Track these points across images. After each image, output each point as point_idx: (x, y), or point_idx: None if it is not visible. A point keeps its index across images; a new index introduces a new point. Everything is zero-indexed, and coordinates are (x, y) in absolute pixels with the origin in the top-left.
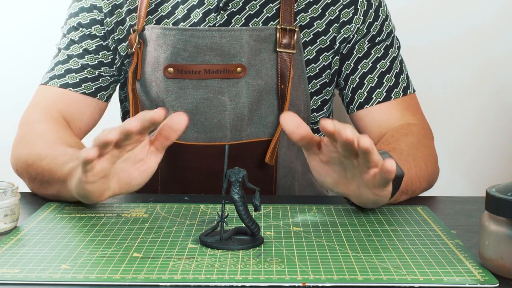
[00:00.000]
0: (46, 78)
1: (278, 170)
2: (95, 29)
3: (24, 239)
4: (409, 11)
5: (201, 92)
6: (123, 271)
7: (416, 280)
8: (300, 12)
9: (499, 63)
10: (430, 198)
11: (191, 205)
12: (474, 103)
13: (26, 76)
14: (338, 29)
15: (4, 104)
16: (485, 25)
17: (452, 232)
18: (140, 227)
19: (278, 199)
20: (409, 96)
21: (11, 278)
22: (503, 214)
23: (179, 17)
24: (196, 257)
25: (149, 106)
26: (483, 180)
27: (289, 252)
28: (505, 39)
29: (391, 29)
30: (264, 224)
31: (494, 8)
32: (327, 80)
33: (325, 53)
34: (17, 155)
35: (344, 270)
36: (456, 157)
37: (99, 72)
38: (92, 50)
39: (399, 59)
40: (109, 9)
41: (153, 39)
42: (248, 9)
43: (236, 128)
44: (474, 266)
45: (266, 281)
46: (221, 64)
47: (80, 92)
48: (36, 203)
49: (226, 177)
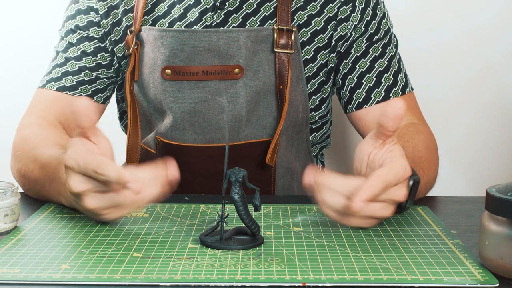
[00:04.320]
0: (43, 81)
1: (277, 170)
2: (92, 31)
3: (24, 239)
4: (408, 13)
5: (199, 94)
6: (123, 271)
7: (416, 280)
8: (298, 10)
9: (498, 64)
10: (430, 198)
11: (191, 205)
12: (474, 103)
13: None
14: (335, 26)
15: (5, 104)
16: (484, 26)
17: (452, 232)
18: (140, 227)
19: (278, 199)
20: (407, 95)
21: (11, 278)
22: (503, 214)
23: (176, 16)
24: (196, 257)
25: (147, 108)
26: (483, 180)
27: (289, 252)
28: (504, 40)
29: (388, 27)
30: (264, 224)
31: (493, 9)
32: (324, 78)
33: (322, 52)
34: (13, 167)
35: (344, 270)
36: (456, 157)
37: (97, 74)
38: (90, 52)
39: (397, 58)
40: (105, 10)
41: (150, 40)
42: (245, 8)
43: (234, 129)
44: (474, 266)
45: (266, 281)
46: (219, 65)
47: (76, 95)
48: (36, 203)
49: (226, 177)
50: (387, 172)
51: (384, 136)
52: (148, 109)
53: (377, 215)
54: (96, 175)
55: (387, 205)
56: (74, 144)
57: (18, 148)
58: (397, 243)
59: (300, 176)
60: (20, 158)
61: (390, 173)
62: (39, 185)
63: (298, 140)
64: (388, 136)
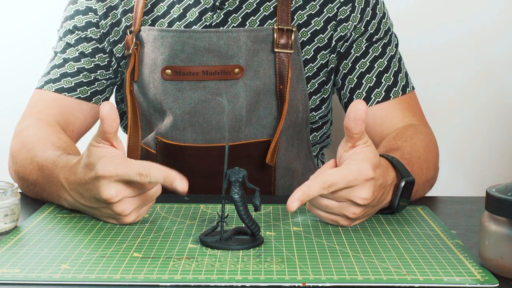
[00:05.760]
0: (41, 82)
1: (277, 170)
2: (91, 32)
3: (24, 239)
4: (408, 13)
5: (199, 94)
6: (123, 271)
7: (416, 280)
8: (298, 10)
9: (499, 64)
10: (430, 198)
11: (191, 205)
12: (474, 104)
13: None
14: (335, 26)
15: (4, 104)
16: (485, 26)
17: (452, 232)
18: (140, 227)
19: (278, 199)
20: (408, 95)
21: (11, 278)
22: (503, 214)
23: (175, 16)
24: (196, 257)
25: (147, 108)
26: (483, 180)
27: (289, 252)
28: (504, 40)
29: (388, 26)
30: (264, 224)
31: (493, 9)
32: (324, 78)
33: (322, 52)
34: (10, 168)
35: (344, 270)
36: (456, 157)
37: (95, 75)
38: (88, 53)
39: (397, 57)
40: (104, 11)
41: (150, 40)
42: (245, 8)
43: (234, 129)
44: (474, 266)
45: (266, 281)
46: (219, 65)
47: (75, 97)
48: (36, 203)
49: (226, 177)
50: (331, 173)
51: (351, 139)
52: (148, 109)
53: (338, 213)
54: (141, 177)
55: (347, 205)
56: (102, 153)
57: (16, 149)
58: (397, 243)
59: (300, 176)
60: (17, 160)
61: (336, 175)
62: (38, 187)
63: (298, 140)
64: (355, 139)
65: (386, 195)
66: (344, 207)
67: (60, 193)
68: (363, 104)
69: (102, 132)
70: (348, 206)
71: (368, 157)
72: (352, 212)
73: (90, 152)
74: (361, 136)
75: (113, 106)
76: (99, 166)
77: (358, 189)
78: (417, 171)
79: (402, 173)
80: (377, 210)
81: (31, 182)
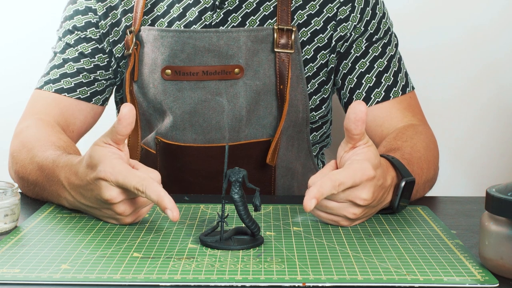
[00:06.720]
0: (41, 83)
1: (277, 170)
2: (90, 32)
3: (24, 239)
4: (408, 13)
5: (199, 94)
6: (123, 271)
7: (416, 280)
8: (298, 10)
9: (499, 64)
10: (430, 198)
11: (191, 205)
12: (474, 104)
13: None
14: (335, 26)
15: (4, 104)
16: (484, 26)
17: (452, 232)
18: (140, 227)
19: (278, 199)
20: (408, 95)
21: (11, 278)
22: (503, 214)
23: (175, 16)
24: (196, 257)
25: (147, 108)
26: (483, 180)
27: (289, 252)
28: (504, 40)
29: (388, 26)
30: (264, 224)
31: (493, 9)
32: (324, 78)
33: (322, 52)
34: (10, 168)
35: (344, 270)
36: (456, 157)
37: (95, 76)
38: (88, 54)
39: (397, 57)
40: (104, 11)
41: (150, 40)
42: (245, 8)
43: (234, 129)
44: (474, 266)
45: (266, 281)
46: (219, 65)
47: (75, 97)
48: (36, 203)
49: (226, 177)
50: (338, 173)
51: (351, 139)
52: (148, 109)
53: (339, 213)
54: (137, 192)
55: (347, 205)
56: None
57: (16, 149)
58: (397, 243)
59: (300, 176)
60: (17, 160)
61: (342, 174)
62: (38, 187)
63: (298, 140)
64: (355, 140)
65: (387, 195)
66: (344, 208)
67: (61, 192)
68: (363, 105)
69: (115, 132)
70: (348, 206)
71: (369, 158)
72: (352, 213)
73: (93, 152)
74: (362, 137)
75: (132, 109)
76: (101, 168)
77: (358, 189)
78: (417, 171)
79: (402, 173)
80: (378, 210)
81: (31, 182)
